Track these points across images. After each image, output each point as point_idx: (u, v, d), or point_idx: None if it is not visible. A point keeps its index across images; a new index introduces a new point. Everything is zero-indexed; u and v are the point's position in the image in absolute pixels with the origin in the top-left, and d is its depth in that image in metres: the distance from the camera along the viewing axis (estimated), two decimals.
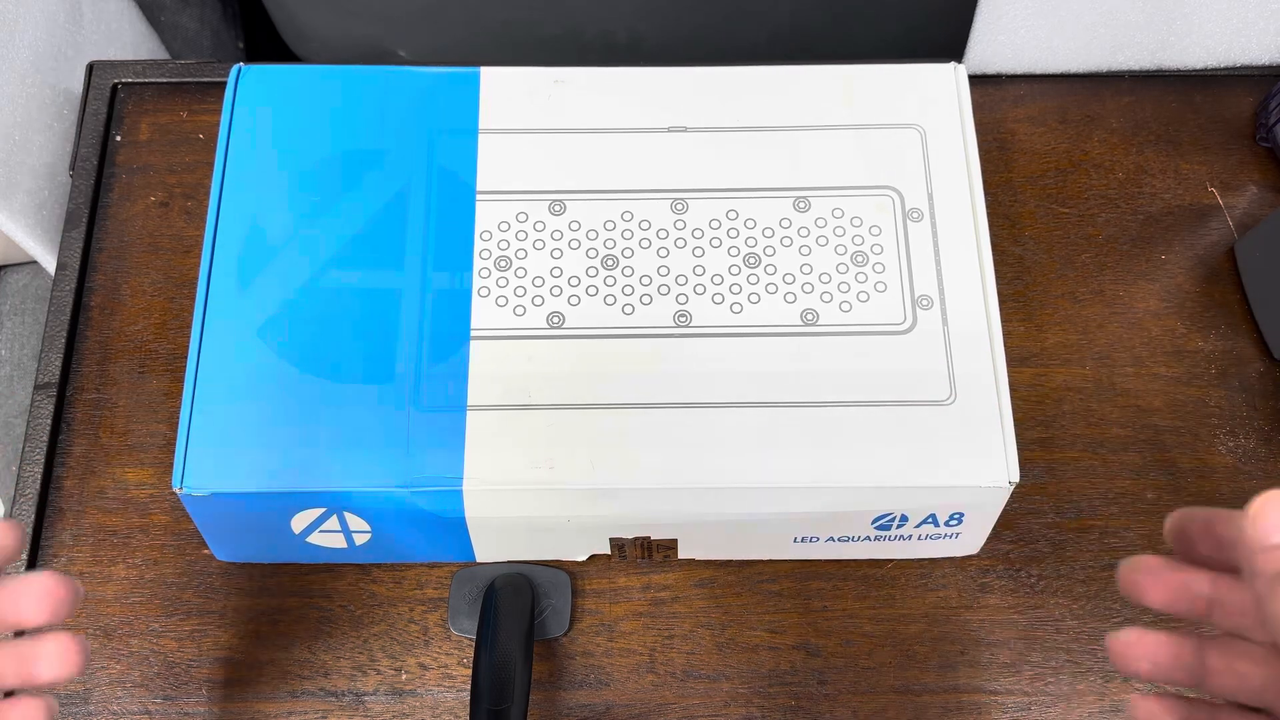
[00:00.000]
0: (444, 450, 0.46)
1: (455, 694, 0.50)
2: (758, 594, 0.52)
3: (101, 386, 0.56)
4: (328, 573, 0.52)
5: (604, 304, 0.48)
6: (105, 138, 0.61)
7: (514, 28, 0.75)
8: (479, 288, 0.49)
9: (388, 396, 0.46)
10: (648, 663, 0.51)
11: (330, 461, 0.46)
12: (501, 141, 0.52)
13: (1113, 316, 0.57)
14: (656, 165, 0.51)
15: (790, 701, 0.50)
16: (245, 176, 0.51)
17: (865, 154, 0.51)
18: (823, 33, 0.75)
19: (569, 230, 0.50)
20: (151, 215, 0.60)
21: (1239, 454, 0.54)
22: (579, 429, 0.46)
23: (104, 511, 0.53)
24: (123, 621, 0.51)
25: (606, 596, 0.52)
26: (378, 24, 0.76)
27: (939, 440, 0.46)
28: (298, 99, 0.52)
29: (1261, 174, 0.61)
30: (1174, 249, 0.59)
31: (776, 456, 0.46)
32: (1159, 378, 0.56)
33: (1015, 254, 0.59)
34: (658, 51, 0.75)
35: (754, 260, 0.49)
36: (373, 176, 0.51)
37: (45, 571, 0.34)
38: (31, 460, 0.54)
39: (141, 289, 0.58)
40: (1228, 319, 0.57)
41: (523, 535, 0.49)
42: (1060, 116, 0.62)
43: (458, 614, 0.51)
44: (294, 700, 0.50)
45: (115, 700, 0.50)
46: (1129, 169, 0.61)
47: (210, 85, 0.63)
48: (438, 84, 0.53)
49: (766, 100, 0.52)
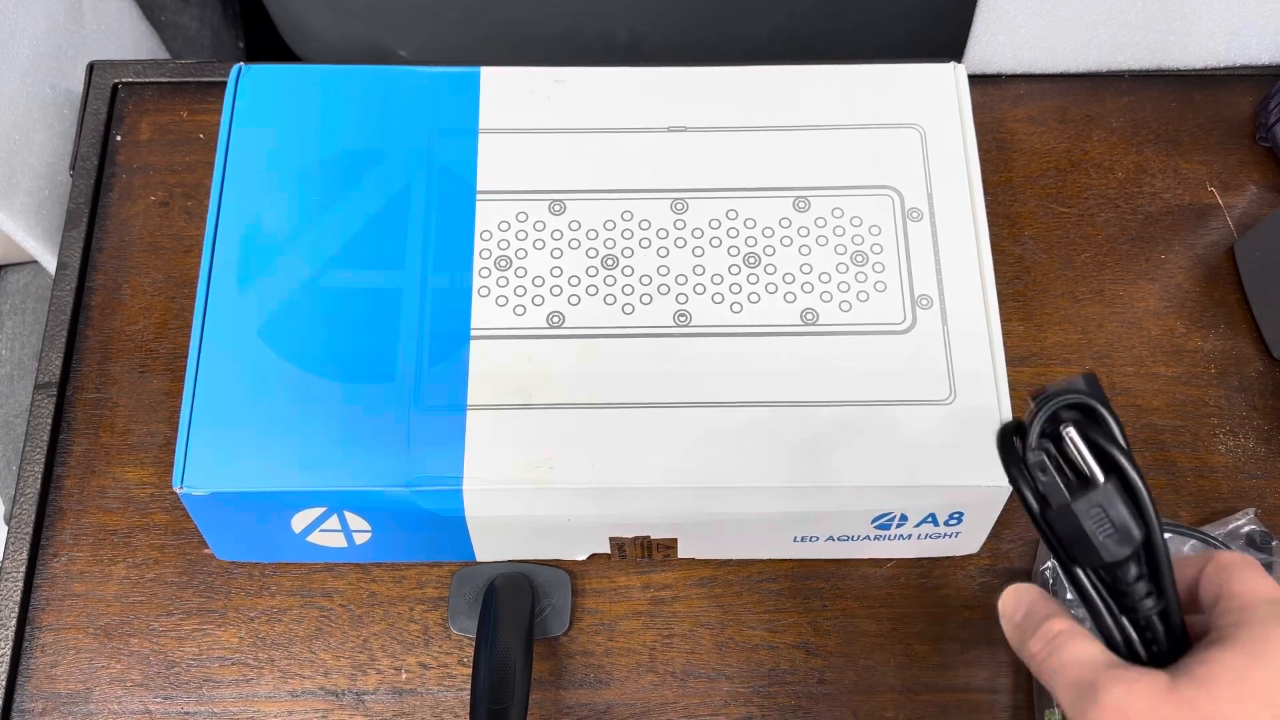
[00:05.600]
0: (444, 450, 0.46)
1: (455, 693, 0.50)
2: (757, 593, 0.52)
3: (102, 386, 0.56)
4: (328, 572, 0.52)
5: (604, 304, 0.48)
6: (105, 137, 0.61)
7: (514, 28, 0.75)
8: (479, 287, 0.49)
9: (388, 396, 0.47)
10: (648, 662, 0.51)
11: (330, 461, 0.46)
12: (501, 141, 0.52)
13: (1112, 316, 0.57)
14: (656, 165, 0.51)
15: (790, 701, 0.50)
16: (245, 176, 0.51)
17: (865, 154, 0.51)
18: (823, 33, 0.75)
19: (569, 230, 0.50)
20: (152, 215, 0.60)
21: (1238, 453, 0.55)
22: (579, 429, 0.46)
23: (104, 511, 0.53)
24: (123, 621, 0.51)
25: (606, 596, 0.52)
26: (378, 24, 0.76)
27: (939, 439, 0.46)
28: (298, 99, 0.52)
29: (1261, 173, 0.61)
30: (1174, 248, 0.59)
31: (776, 456, 0.46)
32: (1158, 377, 0.56)
33: (1015, 254, 0.59)
34: (658, 51, 0.75)
35: (754, 260, 0.49)
36: (373, 176, 0.51)
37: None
38: (32, 460, 0.54)
39: (142, 288, 0.58)
40: (1227, 318, 0.57)
41: (523, 535, 0.49)
42: (1060, 116, 0.62)
43: (458, 613, 0.51)
44: (294, 700, 0.50)
45: (115, 700, 0.50)
46: (1129, 168, 0.61)
47: (210, 85, 0.63)
48: (438, 84, 0.53)
49: (766, 100, 0.52)
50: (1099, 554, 0.30)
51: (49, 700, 0.50)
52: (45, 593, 0.52)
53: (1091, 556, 0.30)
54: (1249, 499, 0.54)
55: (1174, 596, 0.31)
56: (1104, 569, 0.31)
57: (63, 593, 0.52)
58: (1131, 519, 0.30)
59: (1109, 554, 0.30)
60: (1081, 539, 0.30)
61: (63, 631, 0.51)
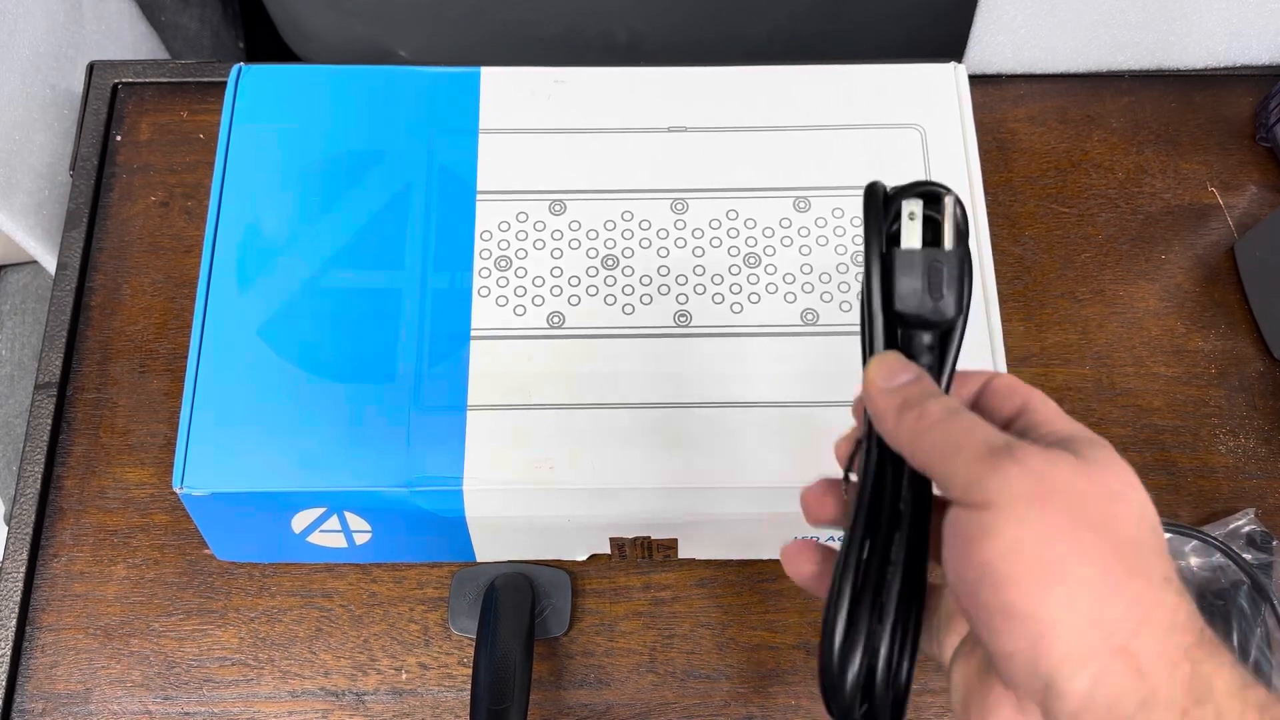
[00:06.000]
0: (444, 450, 0.46)
1: (455, 694, 0.50)
2: (758, 593, 0.52)
3: (102, 386, 0.56)
4: (328, 572, 0.52)
5: (604, 304, 0.48)
6: (105, 137, 0.61)
7: (514, 28, 0.75)
8: (479, 288, 0.49)
9: (388, 396, 0.46)
10: (648, 662, 0.51)
11: (330, 461, 0.46)
12: (502, 141, 0.52)
13: (1112, 316, 0.57)
14: (656, 165, 0.51)
15: (790, 701, 0.50)
16: (245, 176, 0.51)
17: (865, 154, 0.51)
18: (823, 33, 0.75)
19: (569, 230, 0.50)
20: (152, 215, 0.60)
21: (1239, 453, 0.54)
22: (579, 429, 0.46)
23: (104, 511, 0.53)
24: (123, 621, 0.51)
25: (607, 596, 0.52)
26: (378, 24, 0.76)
27: None
28: (298, 99, 0.52)
29: (1261, 174, 0.61)
30: (1174, 249, 0.59)
31: (776, 456, 0.46)
32: (1159, 377, 0.56)
33: (1015, 254, 0.59)
34: (658, 51, 0.75)
35: (754, 260, 0.49)
36: (373, 176, 0.51)
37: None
38: (32, 460, 0.54)
39: (142, 289, 0.58)
40: (1227, 319, 0.57)
41: (523, 535, 0.49)
42: (1060, 116, 0.62)
43: (458, 614, 0.51)
44: (294, 700, 0.50)
45: (115, 700, 0.50)
46: (1129, 169, 0.61)
47: (210, 85, 0.63)
48: (438, 84, 0.53)
49: (766, 100, 0.52)
50: (920, 307, 0.31)
51: (49, 700, 0.50)
52: (45, 593, 0.52)
53: (913, 306, 0.31)
54: (1249, 499, 0.54)
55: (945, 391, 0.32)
56: (908, 326, 0.32)
57: (63, 593, 0.52)
58: (956, 297, 0.31)
59: (929, 311, 0.31)
60: (912, 289, 0.31)
61: (63, 632, 0.51)
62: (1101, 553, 0.26)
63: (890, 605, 0.31)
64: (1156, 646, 0.26)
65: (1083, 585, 0.26)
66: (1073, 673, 0.26)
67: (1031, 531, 0.26)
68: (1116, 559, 0.26)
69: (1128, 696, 0.25)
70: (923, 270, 0.31)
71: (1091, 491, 0.27)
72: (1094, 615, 0.26)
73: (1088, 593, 0.26)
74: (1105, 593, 0.26)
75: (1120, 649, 0.26)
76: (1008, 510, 0.27)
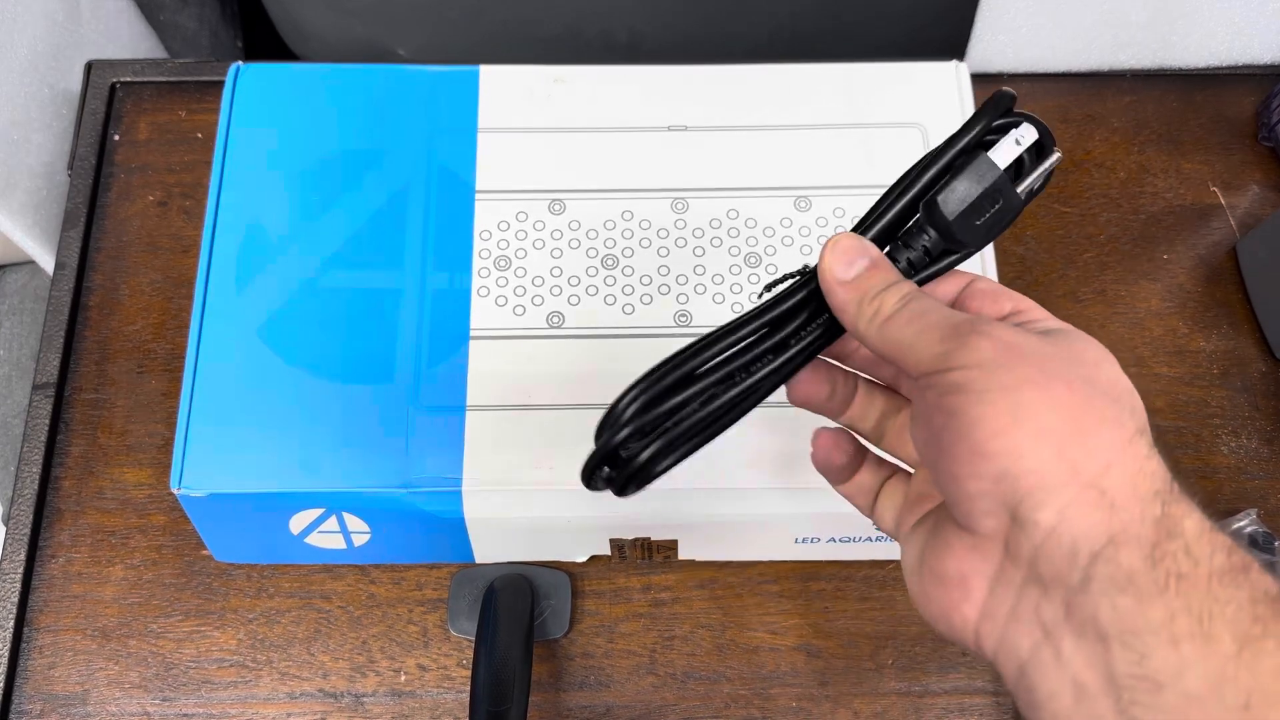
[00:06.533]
0: (443, 450, 0.45)
1: (455, 695, 0.50)
2: (758, 595, 0.52)
3: (100, 386, 0.55)
4: (327, 573, 0.52)
5: (604, 304, 0.48)
6: (104, 137, 0.61)
7: (514, 27, 0.74)
8: (478, 287, 0.48)
9: (387, 396, 0.46)
10: (648, 664, 0.50)
11: (329, 461, 0.45)
12: (501, 140, 0.51)
13: (1114, 316, 0.57)
14: (656, 165, 0.51)
15: (791, 703, 0.50)
16: (244, 176, 0.50)
17: (866, 153, 0.51)
18: (823, 32, 0.75)
19: (569, 230, 0.50)
20: (150, 215, 0.59)
21: (1241, 454, 0.54)
22: (579, 429, 0.46)
23: (102, 512, 0.53)
24: (121, 622, 0.51)
25: (607, 597, 0.52)
26: (377, 23, 0.75)
27: None
28: (297, 98, 0.52)
29: (1263, 173, 0.61)
30: (1176, 248, 0.59)
31: (776, 456, 0.45)
32: (1161, 377, 0.56)
33: (1017, 254, 0.59)
34: (658, 51, 0.75)
35: (754, 260, 0.49)
36: (372, 176, 0.50)
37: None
38: (30, 460, 0.53)
39: (140, 289, 0.58)
40: (1230, 319, 0.57)
41: (522, 536, 0.49)
42: (1062, 115, 0.62)
43: (457, 615, 0.50)
44: (292, 702, 0.50)
45: (113, 701, 0.50)
46: (1131, 168, 0.61)
47: (209, 84, 0.62)
48: (437, 83, 0.53)
49: (767, 99, 0.52)
50: (953, 212, 0.31)
51: (47, 701, 0.50)
52: (43, 594, 0.52)
53: (950, 208, 0.31)
54: (1251, 500, 0.53)
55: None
56: (924, 223, 0.32)
57: (60, 594, 0.52)
58: (986, 232, 0.31)
59: (957, 223, 0.31)
60: (964, 194, 0.31)
61: (60, 633, 0.51)
62: (1072, 402, 0.26)
63: (706, 410, 0.32)
64: (1128, 486, 0.25)
65: (1052, 426, 0.26)
66: (1040, 503, 0.25)
67: (1000, 381, 0.26)
68: (1087, 408, 0.26)
69: (1097, 530, 0.25)
70: (986, 189, 0.31)
71: (1062, 354, 0.27)
72: (1063, 451, 0.25)
73: (1057, 432, 0.26)
74: (1075, 434, 0.26)
75: (1090, 484, 0.25)
76: (976, 368, 0.27)
